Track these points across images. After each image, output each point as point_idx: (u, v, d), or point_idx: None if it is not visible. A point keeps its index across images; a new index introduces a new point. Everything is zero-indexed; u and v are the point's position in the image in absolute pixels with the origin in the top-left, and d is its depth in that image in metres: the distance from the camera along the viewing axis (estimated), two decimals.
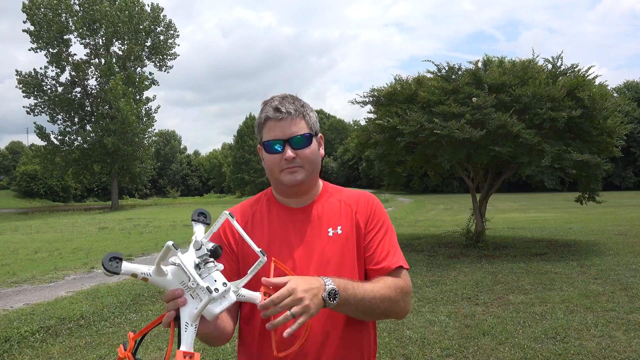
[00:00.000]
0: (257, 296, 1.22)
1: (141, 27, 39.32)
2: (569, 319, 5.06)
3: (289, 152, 1.37)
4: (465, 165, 10.38)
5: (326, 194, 1.52)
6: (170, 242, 1.08)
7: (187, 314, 1.13)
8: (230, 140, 72.89)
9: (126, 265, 1.13)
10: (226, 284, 1.13)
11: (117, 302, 6.20)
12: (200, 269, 1.13)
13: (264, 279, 1.21)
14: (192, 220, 1.30)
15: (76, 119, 39.52)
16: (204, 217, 1.29)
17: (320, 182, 1.55)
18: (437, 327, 4.89)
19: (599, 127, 8.97)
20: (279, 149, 1.39)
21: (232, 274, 1.41)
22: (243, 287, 1.21)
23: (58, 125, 38.99)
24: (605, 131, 9.15)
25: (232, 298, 1.15)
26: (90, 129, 38.26)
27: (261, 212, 1.51)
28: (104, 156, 37.84)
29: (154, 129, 43.41)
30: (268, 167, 1.44)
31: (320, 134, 1.50)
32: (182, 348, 1.12)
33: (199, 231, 1.26)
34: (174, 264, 1.13)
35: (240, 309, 1.49)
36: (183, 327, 1.14)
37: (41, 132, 37.64)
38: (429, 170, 11.61)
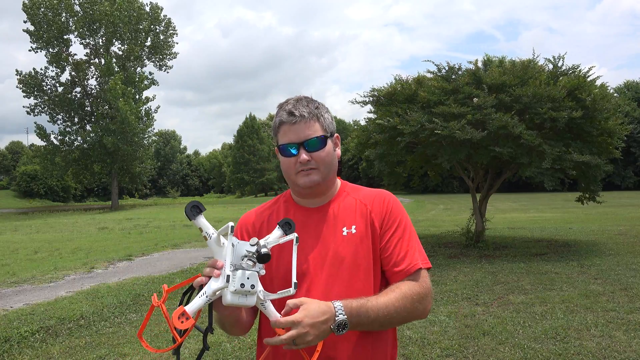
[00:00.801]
0: (275, 316, 1.27)
1: (141, 27, 39.31)
2: (569, 319, 5.06)
3: (303, 155, 1.39)
4: (465, 165, 10.38)
5: (343, 193, 1.52)
6: (231, 223, 1.20)
7: (211, 286, 1.21)
8: (230, 140, 72.99)
9: (200, 219, 1.25)
10: (254, 287, 1.19)
11: (117, 302, 6.20)
12: (243, 260, 1.19)
13: (273, 320, 1.25)
14: (278, 224, 1.36)
15: (76, 119, 39.52)
16: (288, 227, 1.34)
17: (339, 181, 1.56)
18: (437, 327, 4.89)
19: (599, 128, 8.97)
20: (294, 152, 1.40)
21: None
22: (271, 301, 1.28)
23: (58, 125, 39.04)
24: (605, 132, 9.15)
25: (251, 302, 1.21)
26: (90, 129, 38.26)
27: (278, 213, 1.52)
28: (103, 156, 37.84)
29: (154, 129, 43.42)
30: (284, 169, 1.45)
31: (336, 134, 1.50)
32: (185, 308, 1.20)
33: (275, 234, 1.33)
34: (233, 243, 1.20)
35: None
36: (200, 294, 1.23)
37: (41, 132, 37.64)
38: (429, 170, 11.61)
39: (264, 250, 1.19)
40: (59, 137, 38.72)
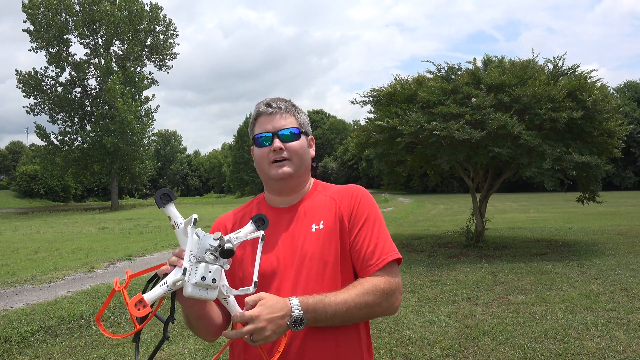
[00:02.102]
0: (236, 311, 1.26)
1: (141, 27, 39.29)
2: (569, 319, 5.06)
3: (277, 143, 1.42)
4: (465, 165, 10.38)
5: (315, 191, 1.53)
6: (195, 215, 1.19)
7: (172, 276, 1.19)
8: (230, 140, 72.97)
9: (170, 207, 1.25)
10: (215, 281, 1.18)
11: (117, 302, 6.19)
12: (205, 253, 1.19)
13: (233, 315, 1.24)
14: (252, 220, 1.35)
15: (76, 119, 39.49)
16: (261, 223, 1.34)
17: (311, 180, 1.56)
18: (437, 327, 4.89)
19: (599, 128, 8.97)
20: (267, 143, 1.44)
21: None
22: (234, 296, 1.26)
23: (58, 125, 38.99)
24: (605, 132, 9.15)
25: (212, 296, 1.20)
26: (90, 129, 38.24)
27: (250, 214, 1.52)
28: (103, 156, 37.82)
29: (154, 129, 43.40)
30: (258, 161, 1.47)
31: (311, 136, 1.53)
32: (144, 296, 1.17)
33: (246, 229, 1.32)
34: (198, 234, 1.20)
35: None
36: (161, 282, 1.20)
37: (41, 132, 37.62)
38: (428, 170, 11.61)
39: (227, 245, 1.19)
40: (59, 137, 38.70)
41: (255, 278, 1.25)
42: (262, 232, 1.30)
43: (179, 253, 1.22)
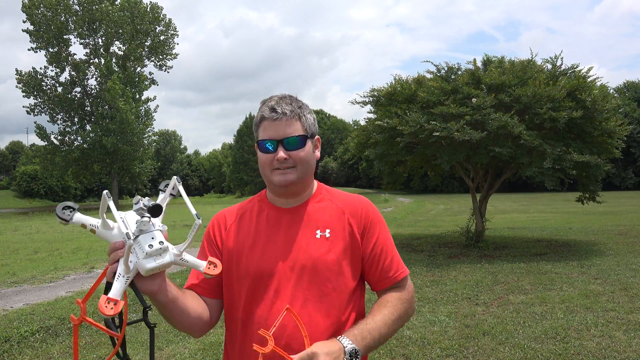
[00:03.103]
0: (200, 264, 1.25)
1: (141, 27, 39.27)
2: (569, 319, 5.06)
3: (281, 153, 1.37)
4: (465, 165, 10.38)
5: (319, 195, 1.51)
6: (105, 191, 1.15)
7: (121, 264, 1.15)
8: (230, 140, 72.96)
9: (78, 216, 1.19)
10: (163, 243, 1.17)
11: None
12: (137, 224, 1.16)
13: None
14: (159, 189, 1.34)
15: (76, 119, 39.49)
16: (165, 186, 1.33)
17: (315, 183, 1.54)
18: (437, 327, 4.89)
19: (599, 128, 8.97)
20: (272, 149, 1.39)
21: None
22: (185, 251, 1.24)
23: (58, 125, 38.98)
24: (605, 132, 9.15)
25: (168, 258, 1.18)
26: (90, 129, 38.23)
27: (251, 212, 1.51)
28: (103, 156, 37.81)
29: (154, 129, 43.38)
30: (261, 166, 1.44)
31: (317, 137, 1.49)
32: (109, 295, 1.13)
33: (160, 197, 1.32)
34: (120, 217, 1.18)
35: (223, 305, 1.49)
36: (115, 278, 1.16)
37: (41, 132, 37.62)
38: (429, 170, 11.61)
39: (150, 202, 1.18)
40: (59, 137, 38.70)
41: (193, 211, 1.24)
42: (176, 178, 1.31)
43: (113, 247, 1.20)
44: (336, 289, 1.39)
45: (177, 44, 45.92)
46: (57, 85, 38.73)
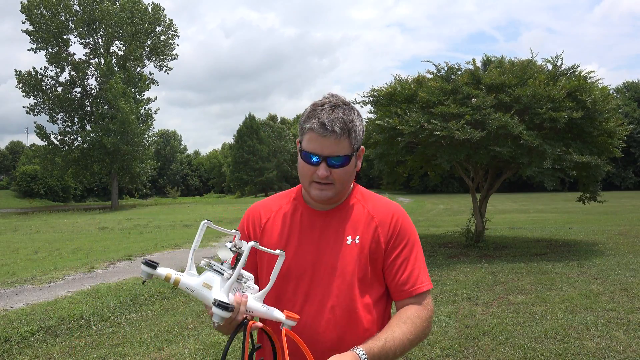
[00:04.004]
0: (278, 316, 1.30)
1: (141, 27, 39.25)
2: (569, 319, 5.06)
3: (323, 171, 1.34)
4: (465, 165, 10.38)
5: (353, 199, 1.49)
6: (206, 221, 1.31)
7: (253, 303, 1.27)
8: (230, 140, 72.95)
9: (160, 270, 1.25)
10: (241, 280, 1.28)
11: (117, 302, 6.20)
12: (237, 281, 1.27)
13: None
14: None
15: (76, 119, 39.47)
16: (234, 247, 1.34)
17: (352, 185, 1.52)
18: (437, 327, 4.88)
19: (599, 128, 8.97)
20: (315, 161, 1.35)
21: (250, 268, 1.44)
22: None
23: (58, 125, 38.96)
24: (605, 132, 9.15)
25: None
26: (90, 129, 38.23)
27: (285, 211, 1.51)
28: (103, 156, 37.80)
29: (154, 129, 43.40)
30: (300, 172, 1.42)
31: (362, 147, 1.45)
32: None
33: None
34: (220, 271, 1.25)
35: None
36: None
37: (41, 132, 37.61)
38: (429, 170, 11.60)
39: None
40: (59, 137, 38.69)
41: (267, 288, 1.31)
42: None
43: (241, 302, 1.22)
44: (363, 296, 1.41)
45: (178, 45, 46.06)
46: (57, 85, 38.72)
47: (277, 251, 1.30)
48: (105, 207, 41.72)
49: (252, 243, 1.25)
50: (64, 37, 38.00)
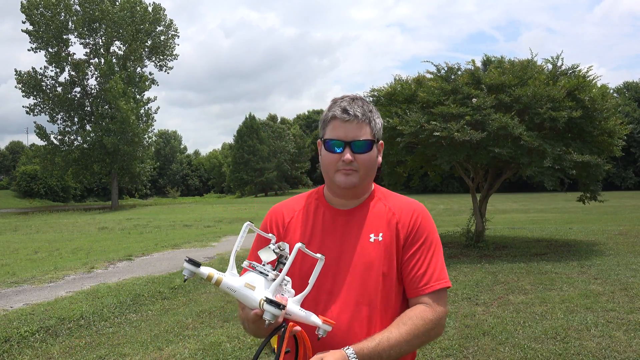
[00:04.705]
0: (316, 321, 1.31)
1: (142, 27, 39.25)
2: (569, 319, 5.06)
3: (348, 155, 1.38)
4: (465, 165, 10.37)
5: (374, 198, 1.51)
6: (248, 223, 1.32)
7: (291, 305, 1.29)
8: (230, 140, 72.94)
9: (202, 269, 1.25)
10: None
11: (117, 302, 6.20)
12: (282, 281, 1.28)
13: None
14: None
15: (76, 119, 39.49)
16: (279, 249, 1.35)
17: (373, 185, 1.54)
18: None
19: (599, 128, 8.97)
20: (339, 150, 1.39)
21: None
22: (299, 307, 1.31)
23: (58, 125, 38.99)
24: (605, 132, 9.15)
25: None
26: (90, 129, 38.24)
27: (307, 209, 1.52)
28: (103, 156, 37.82)
29: (154, 129, 43.39)
30: (325, 164, 1.44)
31: (381, 142, 1.49)
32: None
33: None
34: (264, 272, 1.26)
35: None
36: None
37: (41, 132, 37.62)
38: (429, 170, 11.60)
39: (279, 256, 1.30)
40: (59, 137, 38.71)
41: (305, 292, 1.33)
42: (301, 243, 1.31)
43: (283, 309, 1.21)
44: (386, 294, 1.41)
45: (178, 44, 46.22)
46: (57, 85, 38.73)
47: (319, 255, 1.30)
48: (105, 207, 41.72)
49: (299, 245, 1.26)
50: (64, 37, 38.02)
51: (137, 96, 39.01)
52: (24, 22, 36.76)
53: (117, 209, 36.27)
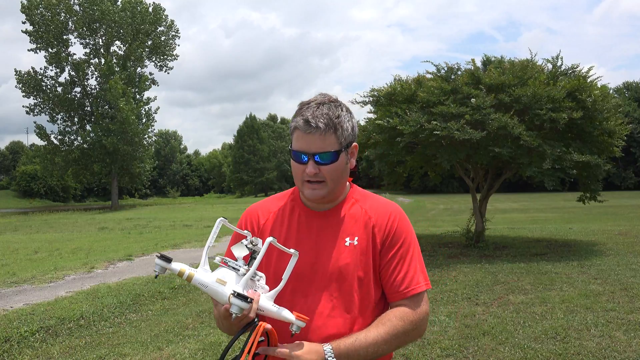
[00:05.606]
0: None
1: (142, 27, 39.24)
2: (569, 319, 5.06)
3: (311, 168, 1.34)
4: (465, 165, 10.37)
5: (351, 200, 1.48)
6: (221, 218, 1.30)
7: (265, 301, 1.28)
8: (230, 140, 72.97)
9: (174, 264, 1.26)
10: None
11: (117, 302, 6.20)
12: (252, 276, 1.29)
13: (278, 351, 1.27)
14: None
15: (76, 119, 39.50)
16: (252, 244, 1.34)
17: (349, 186, 1.51)
18: (437, 327, 4.88)
19: (599, 128, 8.97)
20: (303, 161, 1.36)
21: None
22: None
23: (58, 125, 38.99)
24: (605, 132, 9.15)
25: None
26: (90, 129, 38.24)
27: (283, 211, 1.50)
28: (103, 156, 37.81)
29: (154, 129, 43.39)
30: (294, 173, 1.42)
31: (354, 144, 1.43)
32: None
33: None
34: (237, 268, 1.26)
35: None
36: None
37: (41, 132, 37.62)
38: (429, 170, 11.60)
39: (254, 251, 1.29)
40: (59, 137, 38.71)
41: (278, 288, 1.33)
42: (272, 238, 1.31)
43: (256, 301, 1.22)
44: (362, 298, 1.40)
45: (178, 45, 46.19)
46: (57, 85, 38.73)
47: (292, 250, 1.30)
48: (105, 207, 41.71)
49: (270, 239, 1.25)
50: (64, 37, 38.02)
51: (137, 96, 39.02)
52: (24, 23, 36.76)
53: (117, 209, 36.26)
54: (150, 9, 39.86)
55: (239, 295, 1.15)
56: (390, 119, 8.96)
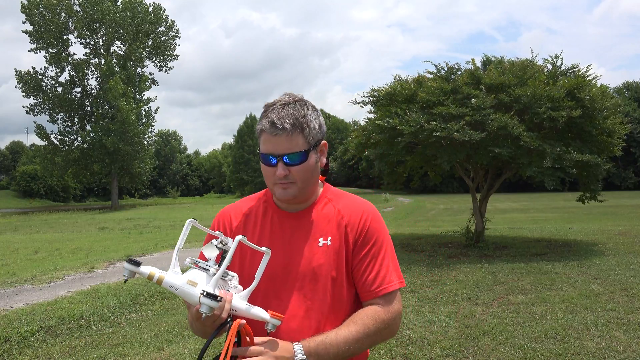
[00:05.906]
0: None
1: (142, 27, 39.24)
2: (569, 319, 5.06)
3: (280, 170, 1.33)
4: (465, 165, 10.38)
5: (324, 200, 1.47)
6: (191, 220, 1.29)
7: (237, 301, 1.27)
8: (230, 140, 72.98)
9: (143, 268, 1.23)
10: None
11: (117, 302, 6.20)
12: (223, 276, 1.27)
13: (250, 349, 1.25)
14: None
15: (76, 119, 39.50)
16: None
17: (322, 185, 1.51)
18: (437, 327, 4.88)
19: (599, 127, 8.97)
20: (272, 163, 1.35)
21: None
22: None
23: (58, 125, 39.00)
24: (605, 131, 9.15)
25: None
26: (90, 129, 38.25)
27: (256, 213, 1.49)
28: (103, 156, 37.81)
29: (154, 129, 43.40)
30: (264, 176, 1.41)
31: (323, 142, 1.43)
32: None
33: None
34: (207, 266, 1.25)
35: None
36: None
37: (41, 132, 37.63)
38: (429, 170, 11.60)
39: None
40: (59, 137, 38.72)
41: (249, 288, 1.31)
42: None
43: (227, 299, 1.21)
44: (336, 299, 1.39)
45: (179, 45, 46.24)
46: (57, 85, 38.74)
47: (263, 248, 1.29)
48: (105, 207, 41.71)
49: (239, 237, 1.24)
50: (64, 37, 38.02)
51: (137, 96, 39.02)
52: (24, 23, 36.77)
53: (117, 209, 36.25)
54: (150, 9, 39.87)
55: (208, 295, 1.14)
56: (390, 119, 8.96)
